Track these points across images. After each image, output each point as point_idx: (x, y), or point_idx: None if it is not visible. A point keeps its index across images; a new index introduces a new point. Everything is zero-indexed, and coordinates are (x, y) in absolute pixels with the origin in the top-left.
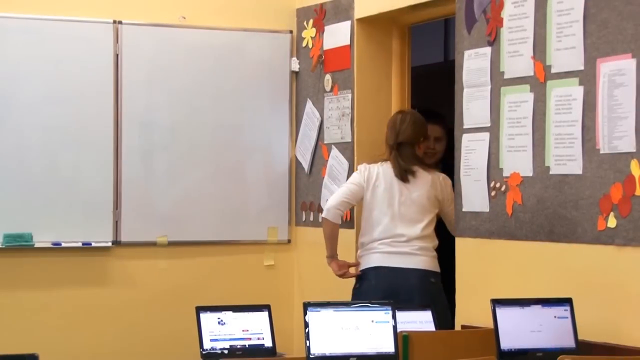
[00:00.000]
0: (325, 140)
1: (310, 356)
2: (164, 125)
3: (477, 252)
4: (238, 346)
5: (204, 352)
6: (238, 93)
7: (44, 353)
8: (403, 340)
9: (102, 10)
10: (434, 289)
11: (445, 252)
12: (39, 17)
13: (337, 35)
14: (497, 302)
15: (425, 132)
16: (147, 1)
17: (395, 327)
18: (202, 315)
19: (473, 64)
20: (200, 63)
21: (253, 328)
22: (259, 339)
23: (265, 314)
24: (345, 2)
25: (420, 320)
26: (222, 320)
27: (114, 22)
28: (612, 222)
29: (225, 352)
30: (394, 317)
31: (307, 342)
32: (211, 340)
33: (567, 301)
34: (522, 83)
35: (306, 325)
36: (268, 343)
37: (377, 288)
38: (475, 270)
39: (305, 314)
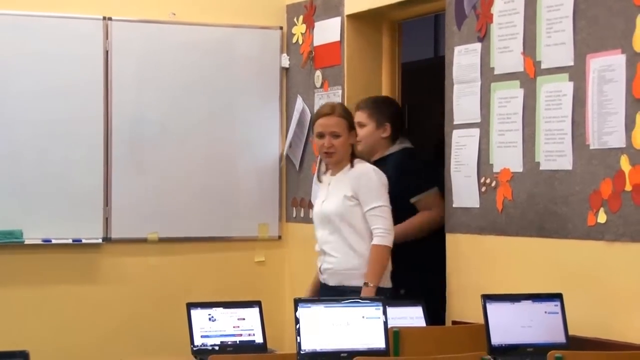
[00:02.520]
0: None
1: (301, 352)
2: (154, 121)
3: (468, 248)
4: (229, 342)
5: (194, 349)
6: (228, 89)
7: (34, 350)
8: (394, 335)
9: (92, 6)
10: None
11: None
12: (29, 13)
13: (327, 31)
14: (487, 298)
15: None
16: None
17: (386, 323)
18: (193, 312)
19: (463, 60)
20: (191, 59)
21: (244, 324)
22: (249, 335)
23: (256, 310)
24: None
25: (410, 316)
26: (212, 317)
27: (104, 18)
28: (602, 218)
29: (216, 348)
30: (384, 312)
31: (298, 338)
32: (202, 336)
33: (557, 296)
34: (512, 79)
35: (297, 321)
36: (259, 339)
37: None
38: (465, 266)
39: (296, 310)
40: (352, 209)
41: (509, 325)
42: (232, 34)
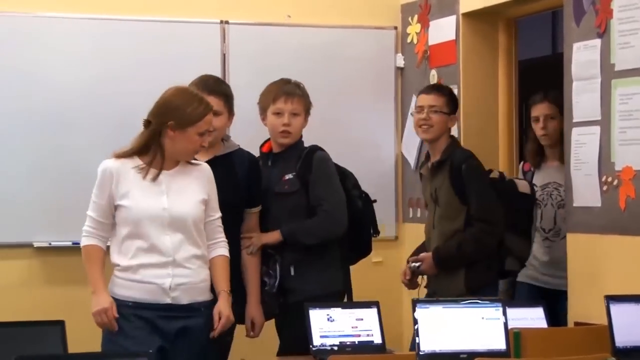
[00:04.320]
0: None
1: (421, 353)
2: None
3: (590, 248)
4: (348, 342)
5: (314, 349)
6: (343, 90)
7: None
8: (515, 337)
9: (209, 10)
10: None
11: None
12: (148, 18)
13: (442, 30)
14: (611, 299)
15: None
16: (253, 1)
17: (506, 324)
18: (312, 312)
19: (582, 57)
20: (306, 61)
21: (362, 325)
22: (368, 335)
23: (374, 310)
24: None
25: (531, 317)
26: (331, 317)
27: (221, 22)
28: None
29: (335, 348)
30: (504, 313)
31: (417, 338)
32: (321, 336)
33: None
34: (633, 75)
35: (415, 321)
36: (377, 339)
37: None
38: (587, 267)
39: (414, 310)
40: (202, 215)
41: (634, 326)
42: (346, 35)
